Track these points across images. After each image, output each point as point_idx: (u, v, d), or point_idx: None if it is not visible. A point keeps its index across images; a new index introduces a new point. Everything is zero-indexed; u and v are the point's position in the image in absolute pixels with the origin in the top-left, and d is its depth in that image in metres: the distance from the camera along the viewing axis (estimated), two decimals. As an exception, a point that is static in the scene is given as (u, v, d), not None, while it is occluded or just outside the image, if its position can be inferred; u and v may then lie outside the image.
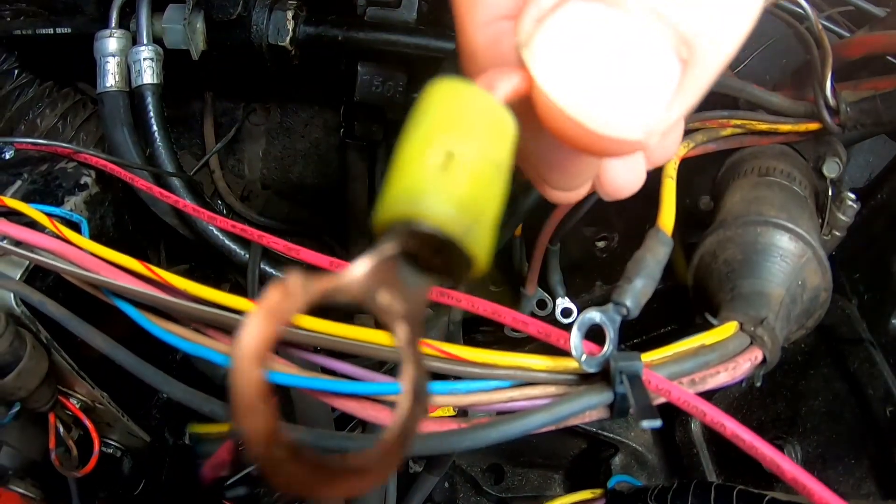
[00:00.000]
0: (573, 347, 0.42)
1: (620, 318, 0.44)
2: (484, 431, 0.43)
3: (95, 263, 0.60)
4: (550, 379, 0.45)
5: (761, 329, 0.49)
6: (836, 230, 0.64)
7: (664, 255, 0.46)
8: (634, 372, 0.42)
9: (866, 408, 0.67)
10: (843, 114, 0.63)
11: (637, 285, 0.44)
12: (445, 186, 0.24)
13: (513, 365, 0.44)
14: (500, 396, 0.45)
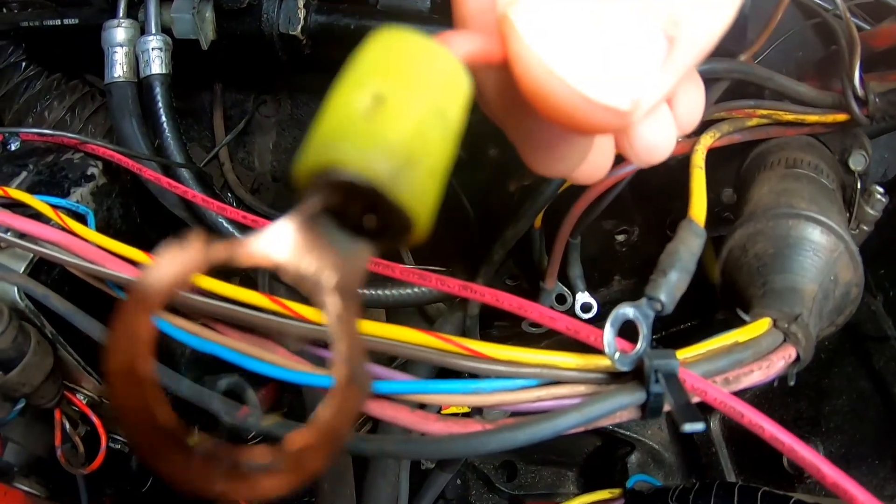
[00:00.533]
0: (606, 345, 0.39)
1: (654, 313, 0.41)
2: (511, 433, 0.40)
3: (101, 256, 0.57)
4: (579, 378, 0.42)
5: (795, 326, 0.46)
6: (864, 224, 0.61)
7: (698, 247, 0.43)
8: (671, 370, 0.39)
9: (891, 407, 0.64)
10: (871, 105, 0.60)
11: (672, 279, 0.41)
12: (371, 130, 0.21)
13: (540, 363, 0.41)
14: (526, 396, 0.42)
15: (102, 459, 0.72)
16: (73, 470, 0.71)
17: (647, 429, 0.77)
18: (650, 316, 0.41)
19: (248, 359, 0.47)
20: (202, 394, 0.50)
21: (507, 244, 0.57)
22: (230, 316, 0.48)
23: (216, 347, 0.49)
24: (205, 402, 0.51)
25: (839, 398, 0.67)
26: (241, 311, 0.48)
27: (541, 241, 0.63)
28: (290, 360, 0.47)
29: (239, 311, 0.48)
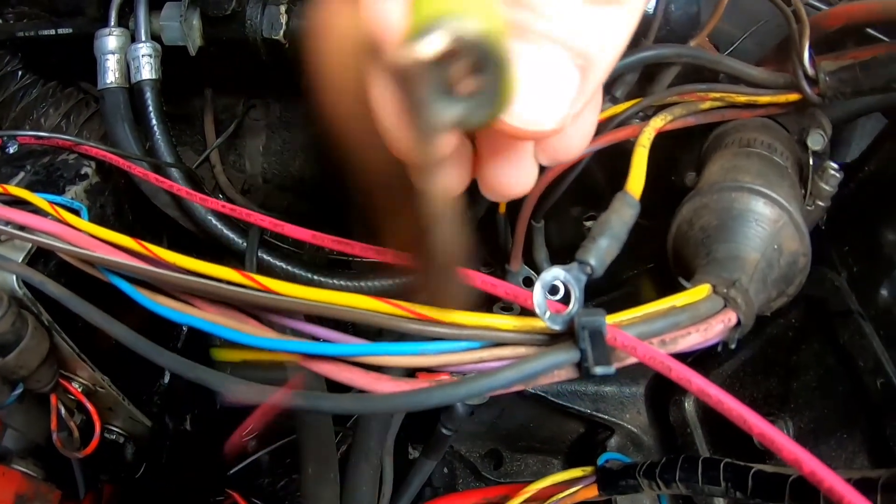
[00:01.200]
0: (536, 305, 0.43)
1: (585, 276, 0.44)
2: (452, 389, 0.43)
3: (92, 243, 0.62)
4: (519, 339, 0.46)
5: (734, 290, 0.50)
6: (819, 200, 0.64)
7: (630, 216, 0.47)
8: (597, 328, 0.42)
9: (857, 381, 0.66)
10: (822, 83, 0.63)
11: (602, 245, 0.45)
12: None
13: (480, 325, 0.45)
14: (469, 357, 0.46)
15: (97, 444, 0.77)
16: (68, 453, 0.76)
17: (625, 413, 0.80)
18: (581, 279, 0.45)
19: (221, 328, 0.52)
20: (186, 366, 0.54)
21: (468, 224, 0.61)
22: (206, 291, 0.53)
23: (193, 319, 0.54)
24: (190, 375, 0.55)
25: (807, 374, 0.69)
26: (217, 285, 0.52)
27: (506, 226, 0.67)
28: (259, 329, 0.51)
29: (214, 285, 0.52)
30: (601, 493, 0.70)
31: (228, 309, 0.54)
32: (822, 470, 0.41)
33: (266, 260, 0.82)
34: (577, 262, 0.45)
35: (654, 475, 0.64)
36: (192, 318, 0.54)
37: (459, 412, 0.75)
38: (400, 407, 0.48)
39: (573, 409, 0.81)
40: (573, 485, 0.71)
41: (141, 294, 0.58)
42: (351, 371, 0.48)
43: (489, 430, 0.88)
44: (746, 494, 0.61)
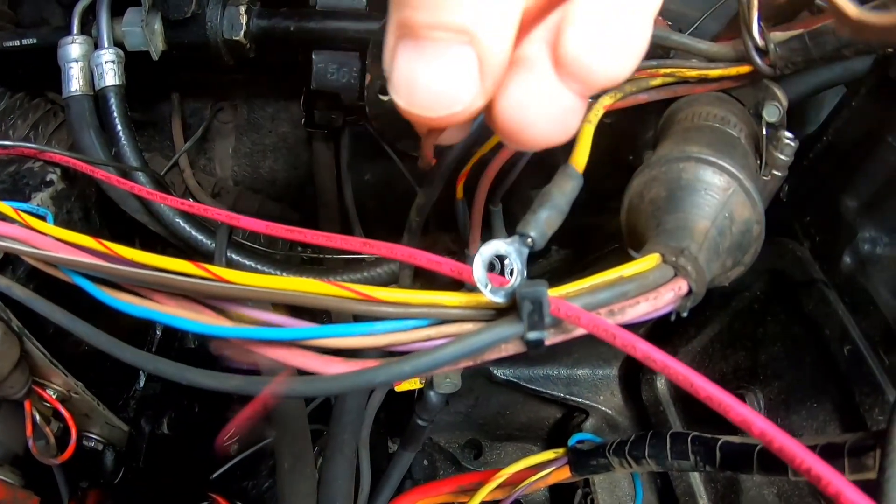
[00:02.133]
0: (476, 279, 0.44)
1: (527, 249, 0.46)
2: (398, 366, 0.45)
3: (54, 245, 0.64)
4: (466, 315, 0.47)
5: (683, 259, 0.51)
6: (776, 170, 0.65)
7: (571, 188, 0.48)
8: (538, 298, 0.43)
9: (825, 349, 0.67)
10: (772, 53, 0.64)
11: (542, 216, 0.46)
12: None
13: (426, 303, 0.47)
14: (416, 335, 0.47)
15: (73, 450, 0.78)
16: (45, 460, 0.78)
17: (599, 395, 0.81)
18: (523, 252, 0.46)
19: (179, 319, 0.53)
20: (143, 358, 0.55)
21: (421, 211, 0.63)
22: (163, 283, 0.55)
23: (153, 313, 0.55)
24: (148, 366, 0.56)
25: (774, 346, 0.71)
26: (172, 277, 0.54)
27: (464, 211, 0.69)
28: (215, 318, 0.53)
29: (170, 277, 0.54)
30: (573, 474, 0.72)
31: (186, 301, 0.55)
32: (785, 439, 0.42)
33: (237, 260, 0.84)
34: (518, 235, 0.46)
35: (624, 452, 0.66)
36: (151, 312, 0.55)
37: (433, 402, 0.76)
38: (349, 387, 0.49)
39: (547, 393, 0.82)
40: (545, 467, 0.72)
41: (102, 292, 0.59)
42: (303, 355, 0.49)
43: (466, 420, 0.89)
44: (715, 466, 0.62)
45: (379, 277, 0.82)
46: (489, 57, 0.31)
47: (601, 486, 0.81)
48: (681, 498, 0.75)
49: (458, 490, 0.78)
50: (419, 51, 0.31)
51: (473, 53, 0.31)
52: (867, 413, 0.64)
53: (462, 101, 0.32)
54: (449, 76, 0.31)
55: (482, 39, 0.30)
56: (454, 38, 0.30)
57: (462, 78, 0.31)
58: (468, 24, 0.30)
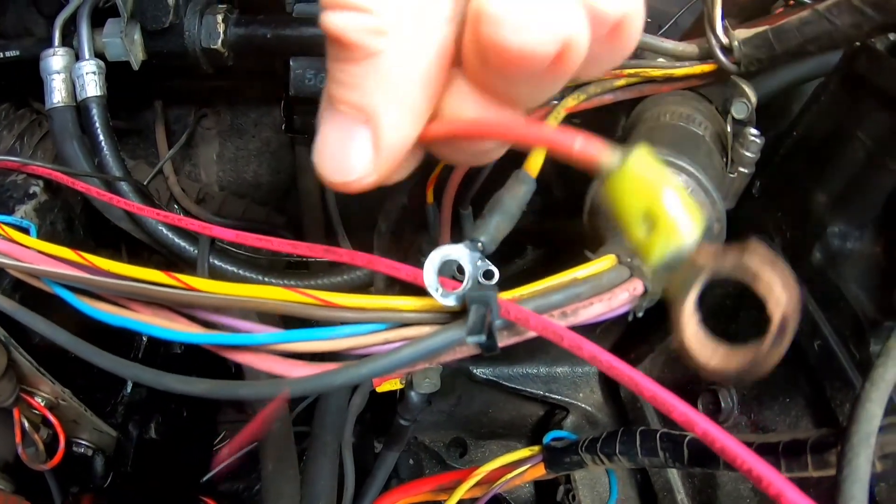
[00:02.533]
0: (427, 284, 0.47)
1: (478, 252, 0.48)
2: (355, 369, 0.47)
3: (37, 257, 0.67)
4: (421, 318, 0.50)
5: (638, 259, 0.53)
6: (742, 167, 0.67)
7: (523, 193, 0.51)
8: (486, 301, 0.46)
9: (795, 344, 0.69)
10: (736, 51, 0.66)
11: (492, 222, 0.48)
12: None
13: (383, 307, 0.49)
14: (375, 339, 0.50)
15: (62, 455, 0.82)
16: (35, 466, 0.81)
17: (578, 392, 0.84)
18: (474, 256, 0.49)
19: (153, 327, 0.56)
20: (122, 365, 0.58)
21: (389, 216, 0.65)
22: (136, 293, 0.57)
23: (128, 321, 0.58)
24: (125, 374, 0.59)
25: (747, 342, 0.72)
26: (144, 287, 0.57)
27: (435, 216, 0.71)
28: (187, 325, 0.56)
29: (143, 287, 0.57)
30: (548, 471, 0.74)
31: (160, 309, 0.58)
32: (729, 442, 0.44)
33: (219, 266, 0.86)
34: (469, 240, 0.48)
35: (596, 450, 0.68)
36: (126, 320, 0.58)
37: (414, 401, 0.79)
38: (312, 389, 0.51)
39: (526, 391, 0.85)
40: (521, 465, 0.74)
41: (83, 302, 0.62)
42: (269, 359, 0.52)
43: (450, 419, 0.92)
44: (684, 463, 0.64)
45: (359, 280, 0.85)
46: (385, 140, 0.34)
47: (582, 483, 0.83)
48: (659, 493, 0.77)
49: (437, 488, 0.81)
50: (332, 121, 0.34)
51: (369, 133, 0.34)
52: (838, 408, 0.65)
53: (355, 174, 0.35)
54: (347, 149, 0.34)
55: (381, 123, 0.33)
56: (356, 115, 0.33)
57: (357, 153, 0.34)
58: (369, 107, 0.33)
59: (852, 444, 0.51)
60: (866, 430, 0.52)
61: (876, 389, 0.52)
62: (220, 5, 0.88)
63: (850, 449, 0.51)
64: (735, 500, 0.73)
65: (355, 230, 1.02)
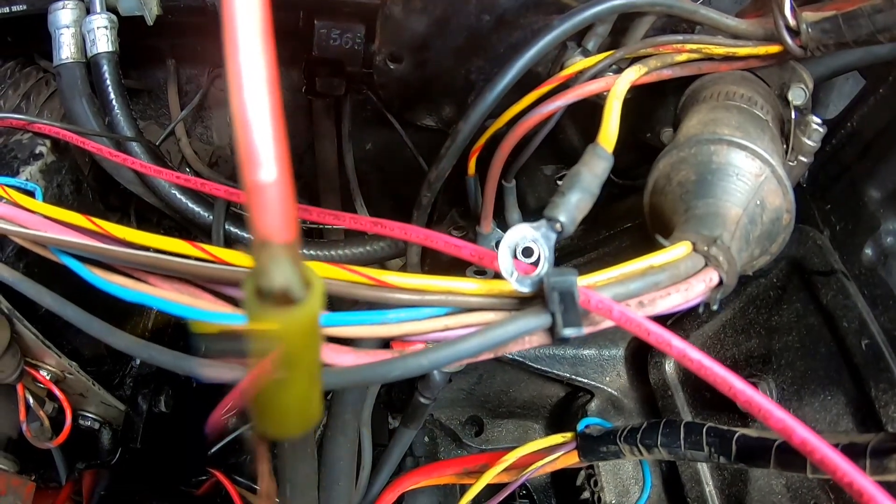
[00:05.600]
0: (502, 267, 0.39)
1: (556, 234, 0.40)
2: (415, 359, 0.40)
3: (43, 223, 0.58)
4: (487, 304, 0.42)
5: (715, 249, 0.46)
6: (801, 156, 0.60)
7: (602, 169, 0.43)
8: (568, 289, 0.38)
9: (841, 341, 0.63)
10: (804, 34, 0.58)
11: (572, 199, 0.41)
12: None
13: (444, 290, 0.41)
14: (433, 325, 0.42)
15: (69, 432, 0.73)
16: (40, 444, 0.72)
17: (605, 376, 0.77)
18: (551, 238, 0.41)
19: (175, 305, 0.48)
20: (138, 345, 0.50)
21: (432, 186, 0.57)
22: (158, 265, 0.49)
23: (146, 297, 0.49)
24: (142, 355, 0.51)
25: (789, 335, 0.66)
26: (168, 259, 0.48)
27: (476, 188, 0.63)
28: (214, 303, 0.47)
29: (166, 259, 0.48)
30: (581, 460, 0.67)
31: (183, 284, 0.50)
32: (813, 439, 0.37)
33: (234, 232, 0.78)
34: (546, 220, 0.41)
35: (636, 441, 0.61)
36: (144, 296, 0.50)
37: (436, 380, 0.71)
38: (360, 380, 0.44)
39: (552, 373, 0.78)
40: (553, 451, 0.68)
41: (93, 274, 0.53)
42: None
43: (468, 397, 0.84)
44: (730, 459, 0.58)
45: (382, 251, 0.76)
46: None
47: (605, 469, 0.77)
48: (686, 484, 0.71)
49: (462, 471, 0.73)
50: None
51: None
52: (883, 409, 0.59)
53: None
54: None
55: None
56: None
57: None
58: None
59: None
60: None
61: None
62: (242, -41, 0.78)
63: None
64: (766, 496, 0.67)
65: (372, 196, 0.93)
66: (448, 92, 0.78)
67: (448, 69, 0.74)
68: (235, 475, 0.93)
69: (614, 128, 0.46)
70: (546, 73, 0.67)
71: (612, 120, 0.47)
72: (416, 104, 0.80)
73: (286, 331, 0.29)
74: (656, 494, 0.77)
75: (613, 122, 0.47)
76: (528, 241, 0.40)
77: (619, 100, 0.50)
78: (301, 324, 0.29)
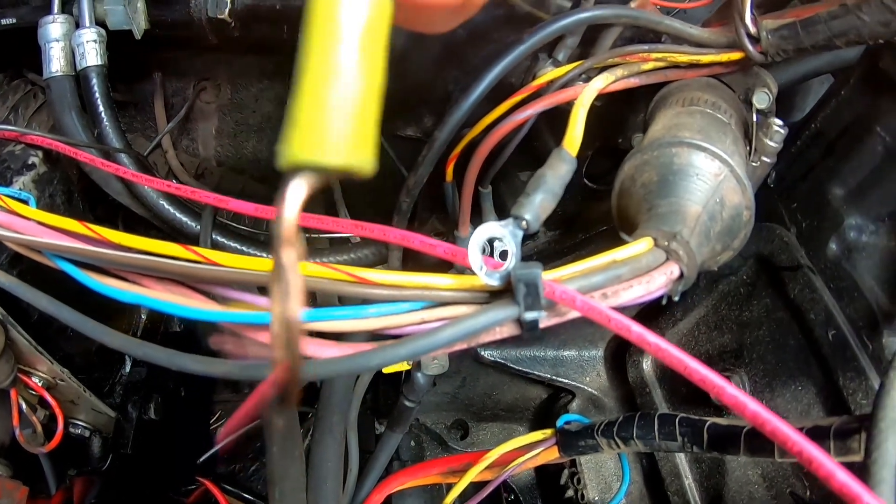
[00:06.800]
0: (472, 262, 0.44)
1: (521, 231, 0.45)
2: (393, 350, 0.44)
3: (38, 229, 0.62)
4: (459, 297, 0.47)
5: (675, 243, 0.51)
6: (764, 156, 0.66)
7: (565, 171, 0.48)
8: (532, 280, 0.43)
9: (809, 333, 0.68)
10: (764, 41, 0.64)
11: (536, 200, 0.46)
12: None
13: (420, 285, 0.46)
14: (411, 318, 0.47)
15: (61, 438, 0.77)
16: (32, 449, 0.76)
17: (585, 376, 0.82)
18: (518, 234, 0.46)
19: (168, 304, 0.52)
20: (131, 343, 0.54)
21: (411, 192, 0.62)
22: (151, 267, 0.53)
23: (141, 298, 0.54)
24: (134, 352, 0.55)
25: (760, 329, 0.71)
26: (161, 261, 0.53)
27: (454, 194, 0.68)
28: (205, 302, 0.52)
29: (158, 261, 0.53)
30: (561, 455, 0.72)
31: (175, 285, 0.54)
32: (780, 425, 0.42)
33: (221, 241, 0.82)
34: (512, 218, 0.45)
35: (612, 434, 0.66)
36: (139, 297, 0.54)
37: (420, 383, 0.76)
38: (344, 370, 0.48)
39: (533, 374, 0.82)
40: (534, 448, 0.72)
41: (89, 277, 0.58)
42: (297, 339, 0.48)
43: (453, 401, 0.89)
44: (703, 448, 0.63)
45: (366, 258, 0.81)
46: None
47: (587, 466, 0.81)
48: (666, 478, 0.76)
49: (447, 471, 0.78)
50: None
51: None
52: (851, 397, 0.64)
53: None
54: None
55: None
56: None
57: None
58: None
59: (880, 429, 0.49)
60: (893, 416, 0.50)
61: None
62: (227, -26, 0.83)
63: (878, 434, 0.49)
64: (743, 486, 0.72)
65: (355, 205, 0.98)
66: (427, 103, 0.84)
67: (426, 81, 0.80)
68: (224, 484, 0.97)
69: (579, 133, 0.52)
70: (519, 83, 0.72)
71: (577, 126, 0.52)
72: (397, 115, 0.85)
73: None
74: (638, 489, 0.82)
75: (578, 128, 0.52)
76: (495, 237, 0.45)
77: (584, 107, 0.55)
78: None
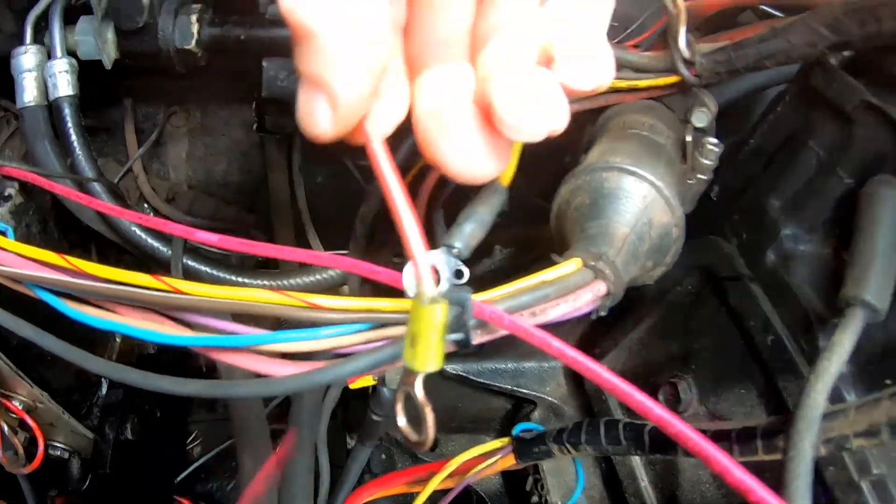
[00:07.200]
0: (405, 287, 0.53)
1: (454, 258, 0.55)
2: (340, 367, 0.54)
3: (18, 261, 0.71)
4: (401, 319, 0.56)
5: (602, 263, 0.60)
6: (700, 174, 0.75)
7: (496, 202, 0.57)
8: (461, 302, 0.53)
9: (750, 339, 0.77)
10: (698, 65, 0.73)
11: (466, 229, 0.55)
12: None
13: (365, 308, 0.55)
14: (357, 339, 0.56)
15: (42, 459, 0.86)
16: (14, 470, 0.85)
17: (545, 386, 0.91)
18: (451, 261, 0.55)
19: (140, 330, 0.62)
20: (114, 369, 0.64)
21: (364, 220, 0.72)
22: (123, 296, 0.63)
23: (115, 325, 0.63)
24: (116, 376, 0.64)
25: (705, 336, 0.80)
26: (131, 290, 0.62)
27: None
28: (175, 328, 0.61)
29: (129, 290, 0.62)
30: (518, 461, 0.81)
31: (147, 312, 0.64)
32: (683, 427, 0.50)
33: (193, 266, 0.92)
34: (445, 246, 0.55)
35: (563, 440, 0.75)
36: (113, 324, 0.63)
37: (386, 397, 0.85)
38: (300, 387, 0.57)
39: (495, 386, 0.92)
40: (492, 455, 0.82)
41: (68, 306, 0.67)
42: (257, 359, 0.58)
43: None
44: (644, 451, 0.72)
45: (331, 280, 0.91)
46: (339, 100, 0.43)
47: (549, 473, 0.91)
48: (624, 481, 0.85)
49: (413, 480, 0.87)
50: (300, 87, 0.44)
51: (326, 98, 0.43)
52: (789, 398, 0.73)
53: (319, 130, 0.45)
54: (310, 109, 0.44)
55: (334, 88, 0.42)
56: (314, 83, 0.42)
57: (318, 113, 0.44)
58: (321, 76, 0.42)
59: (798, 429, 0.58)
60: (811, 416, 0.59)
61: (820, 380, 0.59)
62: (194, 5, 0.93)
63: (795, 433, 0.57)
64: (695, 485, 0.81)
65: (325, 227, 1.07)
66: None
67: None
68: (202, 502, 1.06)
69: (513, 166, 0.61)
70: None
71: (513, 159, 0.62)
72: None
73: None
74: (598, 492, 0.91)
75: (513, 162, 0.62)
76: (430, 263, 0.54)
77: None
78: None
